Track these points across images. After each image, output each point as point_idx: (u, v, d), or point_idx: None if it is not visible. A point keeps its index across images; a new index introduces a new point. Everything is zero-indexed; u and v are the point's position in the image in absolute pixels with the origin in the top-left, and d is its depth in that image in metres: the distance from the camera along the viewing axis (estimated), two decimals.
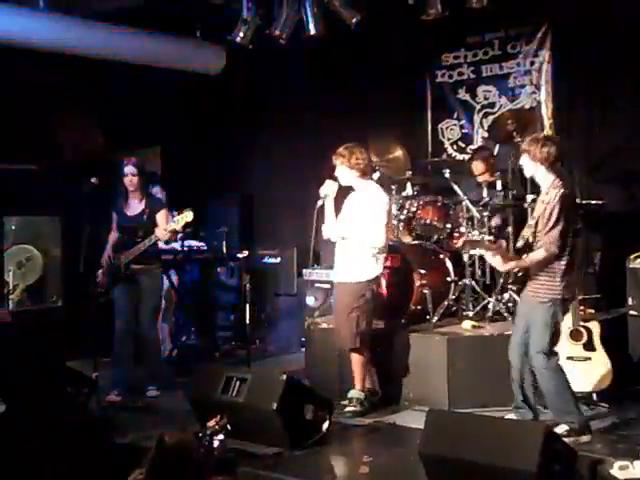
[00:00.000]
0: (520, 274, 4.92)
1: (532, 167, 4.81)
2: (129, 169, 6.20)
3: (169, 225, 5.99)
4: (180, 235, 7.14)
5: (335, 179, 5.67)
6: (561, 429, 4.65)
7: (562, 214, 4.61)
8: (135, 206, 6.28)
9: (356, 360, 5.56)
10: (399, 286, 6.20)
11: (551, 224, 4.61)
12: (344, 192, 5.79)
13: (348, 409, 5.49)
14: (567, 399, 4.76)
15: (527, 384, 4.86)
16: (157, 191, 7.50)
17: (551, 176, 4.76)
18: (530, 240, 4.73)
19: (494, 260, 4.91)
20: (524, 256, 4.76)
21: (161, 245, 6.61)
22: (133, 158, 6.31)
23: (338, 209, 5.73)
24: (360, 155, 5.59)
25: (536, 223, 4.71)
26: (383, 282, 6.03)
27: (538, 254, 4.65)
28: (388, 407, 5.68)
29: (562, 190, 4.67)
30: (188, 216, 5.91)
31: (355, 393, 5.55)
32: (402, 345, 5.86)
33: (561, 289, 4.68)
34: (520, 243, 4.78)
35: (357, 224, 5.57)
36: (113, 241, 6.36)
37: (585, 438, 4.69)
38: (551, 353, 4.73)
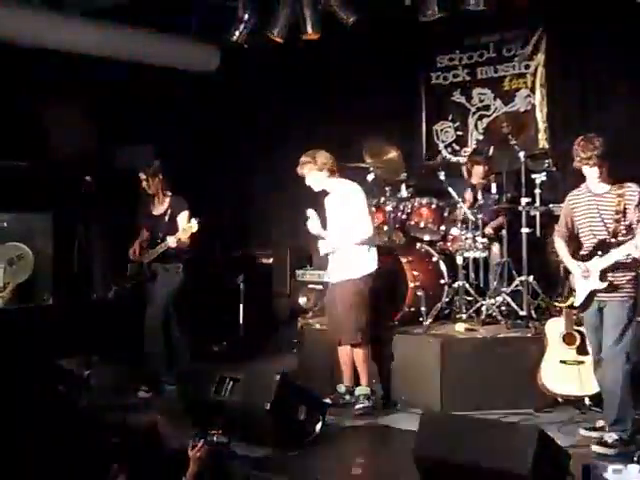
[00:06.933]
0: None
1: (595, 171, 4.73)
2: (140, 175, 6.32)
3: (176, 235, 6.07)
4: None
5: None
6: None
7: None
8: (159, 206, 6.39)
9: (358, 356, 5.58)
10: (393, 288, 6.19)
11: None
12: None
13: (358, 407, 5.50)
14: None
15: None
16: None
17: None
18: (611, 237, 4.62)
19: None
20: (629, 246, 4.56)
21: None
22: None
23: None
24: (324, 155, 5.67)
25: (618, 218, 4.60)
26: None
27: None
28: (381, 409, 5.66)
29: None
30: (193, 227, 6.03)
31: (362, 389, 5.57)
32: (395, 347, 5.86)
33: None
34: (598, 240, 4.67)
35: (344, 223, 5.61)
36: (142, 239, 6.44)
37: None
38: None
